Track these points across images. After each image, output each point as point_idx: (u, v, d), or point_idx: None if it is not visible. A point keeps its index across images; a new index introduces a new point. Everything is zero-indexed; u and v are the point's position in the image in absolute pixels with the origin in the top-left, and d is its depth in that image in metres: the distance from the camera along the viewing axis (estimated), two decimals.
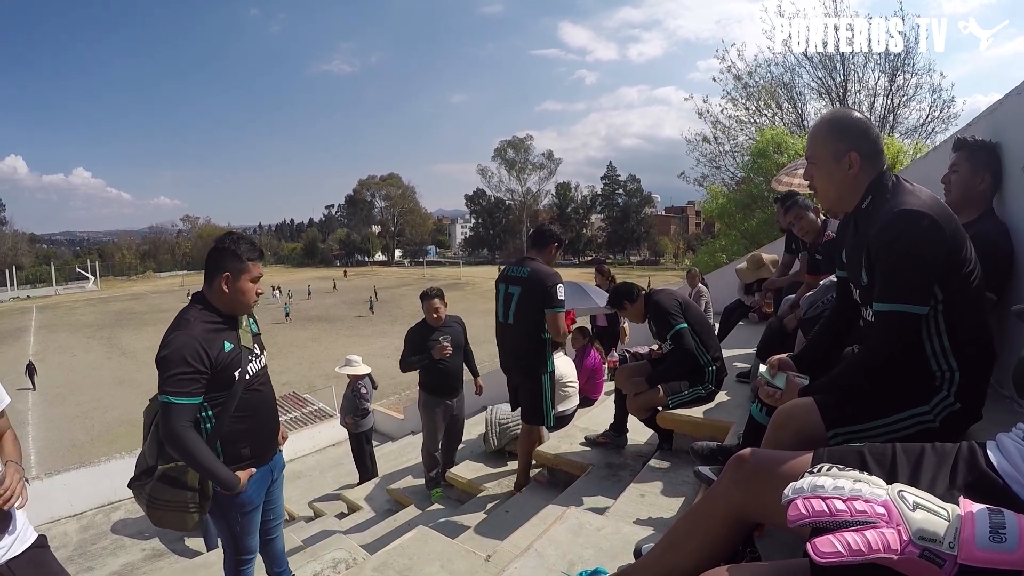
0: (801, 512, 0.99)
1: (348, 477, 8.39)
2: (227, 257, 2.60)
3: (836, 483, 1.01)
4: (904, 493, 0.99)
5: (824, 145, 1.89)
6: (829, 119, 1.95)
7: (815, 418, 1.73)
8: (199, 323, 2.53)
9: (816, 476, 1.05)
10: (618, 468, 3.88)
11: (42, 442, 19.49)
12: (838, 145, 1.86)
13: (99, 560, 7.67)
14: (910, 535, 0.92)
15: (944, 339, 1.74)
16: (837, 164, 1.86)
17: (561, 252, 4.30)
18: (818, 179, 1.94)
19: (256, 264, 2.66)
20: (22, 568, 2.46)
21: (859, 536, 0.92)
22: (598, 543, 2.23)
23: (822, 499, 0.99)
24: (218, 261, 2.60)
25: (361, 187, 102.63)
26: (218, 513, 2.78)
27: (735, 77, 23.61)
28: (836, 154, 1.86)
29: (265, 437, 2.82)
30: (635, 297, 3.95)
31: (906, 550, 0.91)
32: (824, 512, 0.97)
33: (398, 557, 2.68)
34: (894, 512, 0.95)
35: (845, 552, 0.90)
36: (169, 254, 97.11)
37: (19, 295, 64.75)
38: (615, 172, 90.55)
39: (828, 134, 1.89)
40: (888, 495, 0.99)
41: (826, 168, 1.90)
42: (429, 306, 5.15)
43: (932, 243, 1.67)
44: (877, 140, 1.89)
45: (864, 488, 1.00)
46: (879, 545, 0.91)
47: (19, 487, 2.20)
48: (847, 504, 0.97)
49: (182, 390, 2.41)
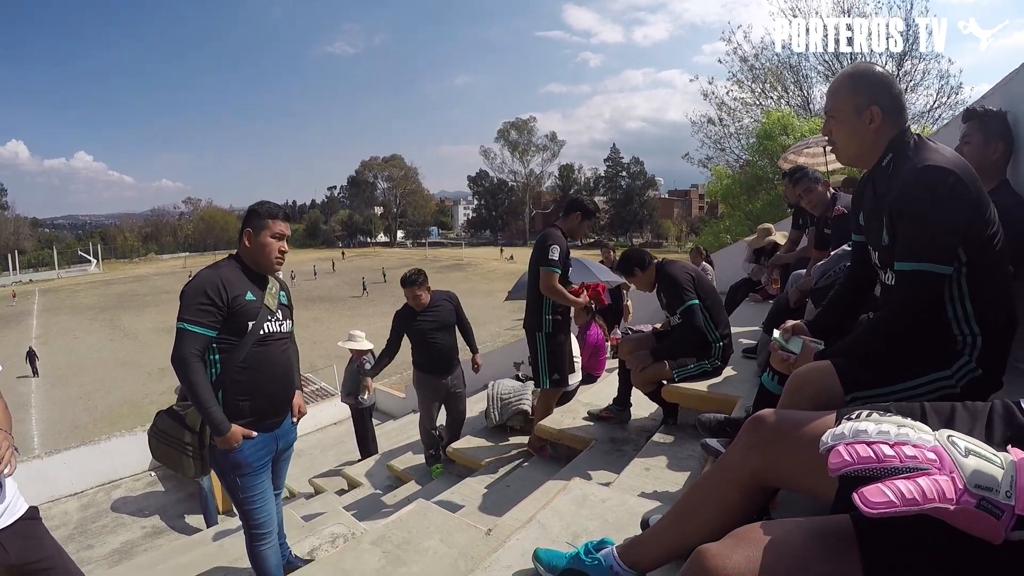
0: (844, 459, 0.88)
1: (349, 455, 8.36)
2: (251, 215, 2.78)
3: (880, 427, 0.90)
4: (954, 438, 0.88)
5: (845, 98, 1.81)
6: (851, 72, 1.86)
7: (833, 381, 1.66)
8: (226, 269, 2.72)
9: (856, 421, 0.94)
10: (621, 443, 3.81)
11: (45, 424, 19.55)
12: (859, 98, 1.77)
13: (99, 538, 7.66)
14: (965, 483, 0.81)
15: (967, 304, 1.67)
16: (858, 118, 1.78)
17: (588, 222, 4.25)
18: (838, 133, 1.85)
19: (276, 222, 2.77)
20: (11, 540, 2.42)
21: (911, 484, 0.81)
22: (603, 515, 2.15)
23: (867, 444, 0.88)
24: (245, 219, 2.80)
25: (364, 168, 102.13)
26: (218, 471, 2.85)
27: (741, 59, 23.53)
28: (857, 107, 1.77)
29: (269, 398, 2.81)
30: (646, 265, 3.82)
31: (962, 499, 0.80)
32: (871, 458, 0.86)
33: (397, 531, 2.61)
34: (946, 458, 0.84)
35: (898, 501, 0.79)
36: (171, 236, 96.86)
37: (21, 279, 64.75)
38: (619, 155, 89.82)
39: (850, 87, 1.81)
40: (937, 440, 0.88)
41: (847, 122, 1.81)
42: (411, 293, 5.05)
43: (958, 201, 1.59)
44: (899, 96, 1.80)
45: (911, 433, 0.89)
46: (934, 494, 0.80)
47: (8, 454, 2.15)
48: (895, 449, 0.86)
49: (197, 319, 2.54)
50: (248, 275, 2.75)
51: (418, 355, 5.25)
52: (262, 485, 2.85)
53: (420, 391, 5.35)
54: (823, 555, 0.98)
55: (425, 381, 5.26)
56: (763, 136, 18.90)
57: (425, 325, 5.07)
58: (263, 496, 2.86)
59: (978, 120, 2.59)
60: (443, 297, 5.26)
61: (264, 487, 2.87)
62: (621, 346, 3.95)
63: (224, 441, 2.64)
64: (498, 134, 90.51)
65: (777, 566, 0.98)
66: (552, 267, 4.08)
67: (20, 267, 69.53)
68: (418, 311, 5.08)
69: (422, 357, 5.22)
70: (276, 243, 2.77)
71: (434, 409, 5.33)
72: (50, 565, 2.56)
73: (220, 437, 2.63)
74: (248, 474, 2.77)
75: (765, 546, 1.01)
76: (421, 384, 5.30)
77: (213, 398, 2.60)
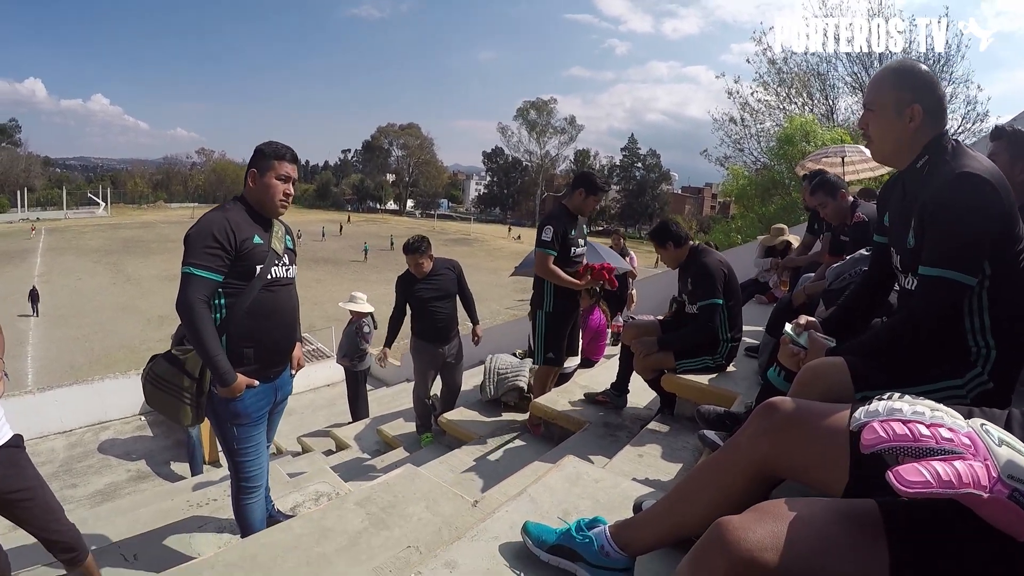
0: (880, 435, 0.83)
1: (340, 417, 8.36)
2: (256, 155, 2.69)
3: (915, 408, 0.86)
4: (988, 427, 0.84)
5: (887, 93, 1.74)
6: (896, 67, 1.79)
7: (844, 378, 1.63)
8: (233, 211, 2.62)
9: (890, 401, 0.90)
10: (615, 428, 3.77)
11: (40, 362, 19.64)
12: (902, 95, 1.71)
13: (84, 478, 7.70)
14: (999, 472, 0.77)
15: (985, 316, 1.63)
16: (898, 115, 1.71)
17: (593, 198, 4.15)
18: (874, 128, 1.78)
19: (282, 163, 2.68)
20: None
21: (948, 466, 0.77)
22: (595, 495, 2.11)
23: (902, 422, 0.84)
24: (251, 160, 2.72)
25: (379, 134, 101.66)
26: (214, 420, 2.79)
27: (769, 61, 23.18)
28: (898, 104, 1.71)
29: (273, 345, 2.76)
30: (682, 243, 3.68)
31: (995, 488, 0.76)
32: (907, 436, 0.82)
33: (382, 493, 2.58)
34: (980, 445, 0.80)
35: (934, 482, 0.75)
36: (182, 185, 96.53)
37: (29, 216, 64.66)
38: (636, 145, 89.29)
39: (894, 82, 1.74)
40: (971, 427, 0.84)
41: (886, 117, 1.74)
42: (413, 260, 4.97)
43: (991, 211, 1.55)
44: (943, 98, 1.74)
45: (945, 417, 0.85)
46: (970, 479, 0.76)
47: None
48: (931, 430, 0.82)
49: (204, 263, 2.45)
50: (254, 217, 2.67)
51: (417, 322, 5.20)
52: (258, 436, 2.81)
53: (416, 358, 5.31)
54: (849, 536, 0.95)
55: (422, 348, 5.21)
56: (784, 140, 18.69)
57: (425, 293, 5.02)
58: (257, 448, 2.82)
59: (1007, 139, 2.57)
60: (445, 266, 5.18)
61: (259, 439, 2.83)
62: (625, 331, 3.90)
63: (229, 391, 2.57)
64: (517, 112, 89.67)
65: (801, 543, 0.95)
66: (545, 248, 4.06)
67: (28, 204, 69.44)
68: (419, 278, 5.03)
69: (421, 325, 5.17)
70: (281, 185, 2.67)
71: (429, 378, 5.29)
72: (30, 496, 2.54)
73: (225, 387, 2.57)
74: (246, 424, 2.72)
75: (790, 522, 0.98)
76: (418, 351, 5.26)
77: (219, 346, 2.52)
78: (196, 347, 2.56)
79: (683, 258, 3.70)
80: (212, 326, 2.50)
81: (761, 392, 2.28)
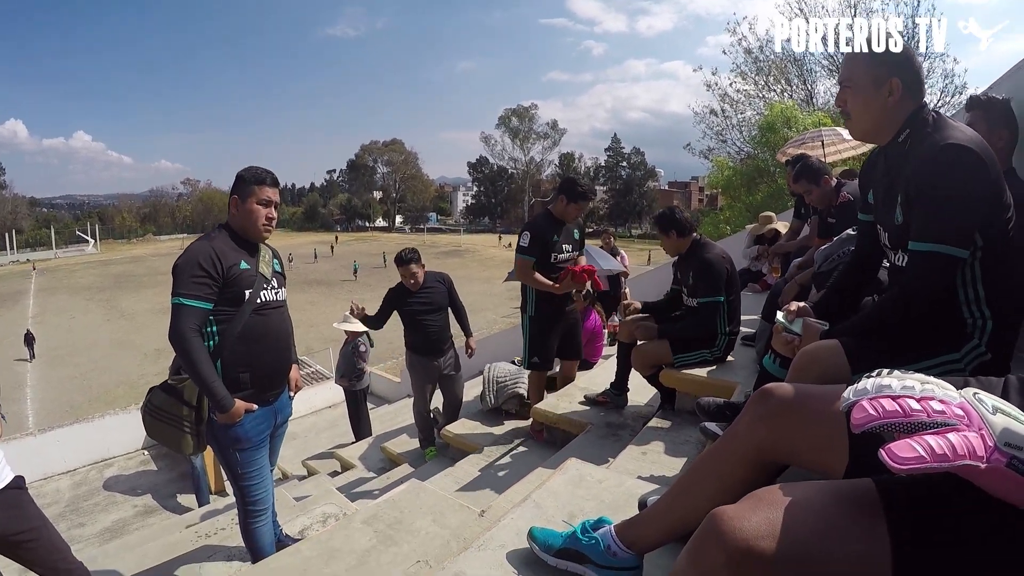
0: (869, 413, 0.82)
1: (343, 438, 8.33)
2: (237, 182, 2.71)
3: (904, 383, 0.85)
4: (981, 396, 0.83)
5: (864, 68, 1.73)
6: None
7: (840, 360, 1.62)
8: (218, 239, 2.64)
9: (879, 378, 0.89)
10: (618, 427, 3.77)
11: (40, 403, 19.53)
12: (879, 70, 1.70)
13: (91, 516, 7.64)
14: (995, 440, 0.77)
15: (979, 288, 1.62)
16: (876, 90, 1.70)
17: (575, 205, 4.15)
18: (853, 105, 1.77)
19: (263, 187, 2.69)
20: None
21: (941, 439, 0.76)
22: (600, 495, 2.11)
23: (892, 398, 0.83)
24: (233, 186, 2.73)
25: (363, 152, 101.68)
26: (216, 447, 2.80)
27: (746, 51, 23.35)
28: (877, 79, 1.70)
29: (268, 368, 2.76)
30: (685, 233, 3.65)
31: (992, 457, 0.76)
32: (897, 412, 0.81)
33: (389, 510, 2.57)
34: (973, 415, 0.80)
35: (928, 457, 0.74)
36: (169, 217, 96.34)
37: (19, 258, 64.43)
38: (619, 144, 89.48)
39: (870, 57, 1.72)
40: (963, 397, 0.83)
41: (864, 93, 1.73)
42: (406, 271, 4.95)
43: (979, 182, 1.53)
44: (920, 70, 1.73)
45: (936, 389, 0.84)
46: (964, 450, 0.75)
47: None
48: (922, 404, 0.81)
49: (193, 292, 2.47)
50: (239, 243, 2.68)
51: (410, 336, 5.20)
52: (260, 460, 2.82)
53: (413, 373, 5.30)
54: (847, 517, 0.94)
55: (417, 362, 5.21)
56: (765, 128, 18.80)
57: (417, 306, 5.01)
58: (261, 472, 2.82)
59: (982, 108, 2.55)
60: (436, 279, 5.18)
61: (262, 462, 2.84)
62: (622, 325, 3.92)
63: (227, 417, 2.58)
64: (499, 121, 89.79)
65: (799, 528, 0.93)
66: (523, 254, 4.13)
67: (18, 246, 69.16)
68: (412, 292, 5.01)
69: (414, 338, 5.17)
70: (263, 210, 2.68)
71: (427, 391, 5.29)
72: (34, 537, 2.53)
73: (224, 413, 2.58)
74: (248, 449, 2.73)
75: (786, 507, 0.96)
76: (413, 366, 5.25)
77: (215, 374, 2.53)
78: (192, 376, 2.57)
79: (683, 249, 3.69)
80: (206, 354, 2.51)
81: (758, 380, 2.29)
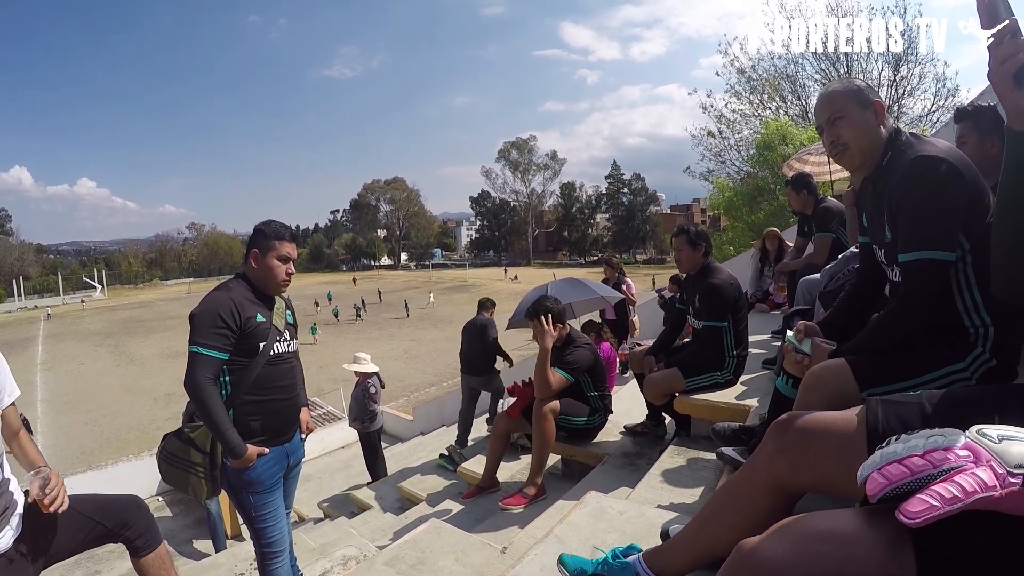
0: (880, 482, 0.89)
1: (358, 479, 8.28)
2: (257, 236, 2.75)
3: (908, 444, 0.91)
4: (984, 430, 0.89)
5: (848, 98, 1.84)
6: (837, 83, 1.94)
7: (848, 379, 1.66)
8: (236, 290, 2.69)
9: (885, 447, 0.95)
10: (635, 457, 3.76)
11: (51, 449, 19.39)
12: (861, 96, 1.82)
13: (107, 563, 7.54)
14: (1006, 467, 0.81)
15: (975, 293, 1.66)
16: (864, 112, 1.81)
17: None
18: (848, 133, 1.84)
19: (283, 243, 2.75)
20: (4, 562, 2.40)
21: (949, 484, 0.81)
22: (621, 527, 2.11)
23: (897, 463, 0.89)
24: (251, 240, 2.78)
25: (366, 191, 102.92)
26: (230, 490, 2.82)
27: (738, 71, 23.70)
28: (862, 103, 1.81)
29: (279, 416, 2.80)
30: (703, 250, 3.64)
31: (1006, 483, 0.80)
32: (904, 473, 0.87)
33: (410, 550, 2.57)
34: (980, 451, 0.85)
35: (940, 504, 0.79)
36: (175, 262, 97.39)
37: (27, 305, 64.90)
38: (619, 171, 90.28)
39: (846, 90, 1.86)
40: (967, 436, 0.88)
41: (856, 117, 1.82)
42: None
43: (952, 187, 1.61)
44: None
45: (939, 440, 0.89)
46: (974, 487, 0.80)
47: (62, 491, 2.13)
48: (925, 458, 0.87)
49: (210, 343, 2.51)
50: (257, 296, 2.74)
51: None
52: (275, 503, 2.83)
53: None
54: (874, 545, 0.96)
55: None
56: (763, 147, 18.97)
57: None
58: (276, 514, 2.83)
59: (970, 119, 2.59)
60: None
61: (277, 504, 2.84)
62: (632, 359, 3.92)
63: (241, 462, 2.62)
64: (499, 154, 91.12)
65: (825, 558, 0.95)
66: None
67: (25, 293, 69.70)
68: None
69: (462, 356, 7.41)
70: (282, 266, 2.74)
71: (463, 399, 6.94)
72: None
73: (237, 459, 2.61)
74: (261, 491, 2.74)
75: (812, 537, 0.98)
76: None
77: (228, 422, 2.57)
78: (206, 423, 2.63)
79: (696, 266, 3.68)
80: (220, 403, 2.56)
81: (772, 402, 2.30)
